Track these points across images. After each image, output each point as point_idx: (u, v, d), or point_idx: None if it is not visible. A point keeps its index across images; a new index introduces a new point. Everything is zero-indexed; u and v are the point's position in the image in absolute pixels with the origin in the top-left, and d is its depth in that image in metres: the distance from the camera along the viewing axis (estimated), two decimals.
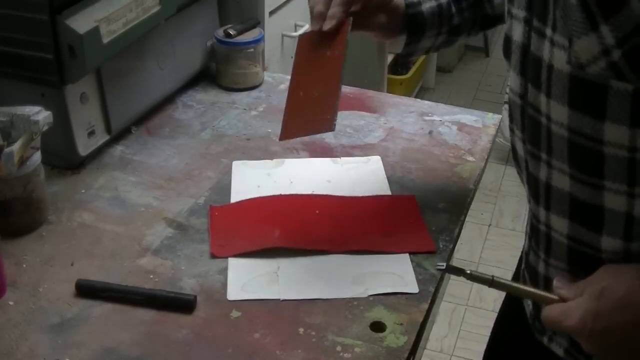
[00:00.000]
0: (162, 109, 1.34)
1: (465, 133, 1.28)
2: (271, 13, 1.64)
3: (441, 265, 0.83)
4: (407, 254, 0.99)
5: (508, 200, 2.87)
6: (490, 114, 1.34)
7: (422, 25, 1.03)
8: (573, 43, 0.69)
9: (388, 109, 1.35)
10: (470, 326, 2.31)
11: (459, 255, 2.51)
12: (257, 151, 1.23)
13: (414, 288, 0.94)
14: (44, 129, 1.01)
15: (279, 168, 1.18)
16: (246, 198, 1.10)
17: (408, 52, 1.06)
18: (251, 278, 0.95)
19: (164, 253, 1.00)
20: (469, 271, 0.80)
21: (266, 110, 1.35)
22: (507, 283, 0.82)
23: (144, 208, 1.09)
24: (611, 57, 0.67)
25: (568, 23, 0.69)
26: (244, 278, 0.95)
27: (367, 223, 1.05)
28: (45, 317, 0.89)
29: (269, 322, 0.89)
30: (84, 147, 1.16)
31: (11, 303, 0.91)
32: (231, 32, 1.38)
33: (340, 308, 0.91)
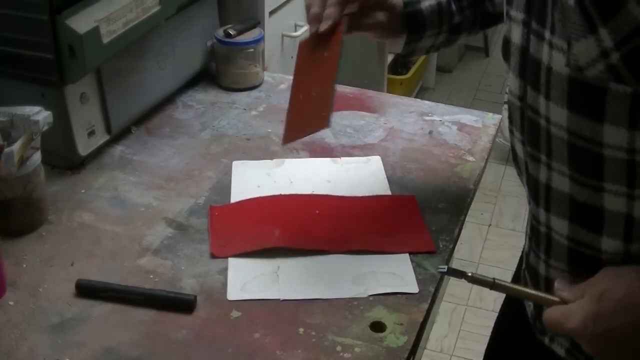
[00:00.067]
0: (162, 109, 1.34)
1: (465, 133, 1.28)
2: (271, 13, 1.64)
3: (442, 268, 0.83)
4: (407, 254, 0.99)
5: (508, 200, 2.87)
6: (490, 114, 1.33)
7: (422, 24, 1.03)
8: (572, 46, 0.69)
9: (388, 109, 1.35)
10: (470, 326, 2.31)
11: (459, 255, 2.51)
12: (257, 151, 1.23)
13: (414, 288, 0.94)
14: (44, 129, 1.01)
15: (279, 168, 1.18)
16: (246, 198, 1.10)
17: (409, 52, 1.06)
18: (251, 278, 0.95)
19: (164, 253, 1.00)
20: (470, 274, 0.80)
21: (266, 110, 1.35)
22: (508, 285, 0.82)
23: (144, 208, 1.09)
24: (610, 60, 0.67)
25: (566, 26, 0.69)
26: (244, 278, 0.95)
27: (367, 223, 1.05)
28: (45, 317, 0.89)
29: (269, 322, 0.89)
30: (84, 147, 1.16)
31: (11, 303, 0.91)
32: (231, 32, 1.38)
33: (340, 308, 0.91)
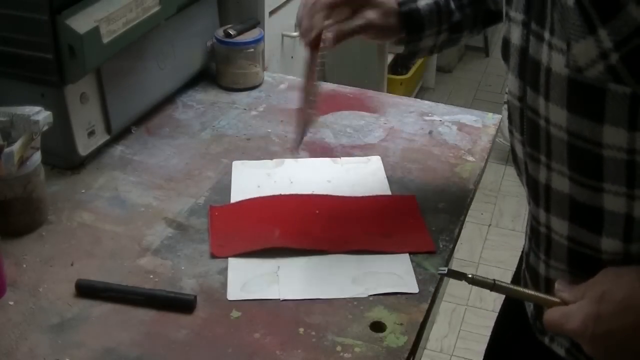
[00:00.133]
0: (162, 109, 1.34)
1: (465, 133, 1.28)
2: (271, 13, 1.64)
3: (443, 269, 0.82)
4: (407, 254, 0.99)
5: (508, 200, 2.87)
6: (490, 114, 1.33)
7: (420, 23, 1.02)
8: (571, 46, 0.69)
9: (388, 109, 1.35)
10: (470, 326, 2.31)
11: (459, 255, 2.51)
12: (257, 151, 1.23)
13: (414, 288, 0.94)
14: (44, 129, 1.01)
15: (279, 168, 1.18)
16: (246, 198, 1.10)
17: (410, 52, 1.05)
18: (251, 278, 0.95)
19: (164, 253, 1.00)
20: (471, 275, 0.80)
21: (266, 110, 1.35)
22: (509, 286, 0.82)
23: (144, 208, 1.09)
24: (609, 61, 0.67)
25: (566, 27, 0.69)
26: (244, 278, 0.95)
27: (367, 223, 1.05)
28: (45, 317, 0.89)
29: (269, 322, 0.89)
30: (84, 147, 1.16)
31: (11, 303, 0.91)
32: (231, 32, 1.38)
33: (340, 308, 0.91)
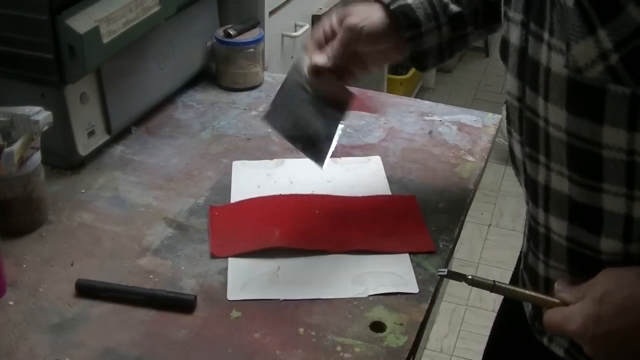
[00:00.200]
0: (162, 109, 1.34)
1: (465, 133, 1.28)
2: (271, 13, 1.64)
3: (443, 271, 0.82)
4: (407, 254, 0.99)
5: (508, 200, 2.87)
6: (490, 114, 1.33)
7: (415, 18, 0.98)
8: (570, 47, 0.69)
9: (388, 109, 1.35)
10: (470, 326, 2.31)
11: (459, 255, 2.51)
12: (257, 151, 1.23)
13: (414, 288, 0.94)
14: (44, 129, 1.01)
15: (279, 168, 1.18)
16: (246, 198, 1.10)
17: (415, 52, 1.01)
18: (251, 278, 0.95)
19: (164, 253, 1.00)
20: (471, 277, 0.80)
21: (266, 110, 1.35)
22: (509, 287, 0.82)
23: (144, 208, 1.09)
24: (609, 61, 0.66)
25: (565, 27, 0.69)
26: (244, 278, 0.95)
27: (367, 223, 1.05)
28: (45, 317, 0.89)
29: (269, 322, 0.89)
30: (84, 147, 1.16)
31: (11, 303, 0.91)
32: (231, 32, 1.38)
33: (340, 308, 0.91)
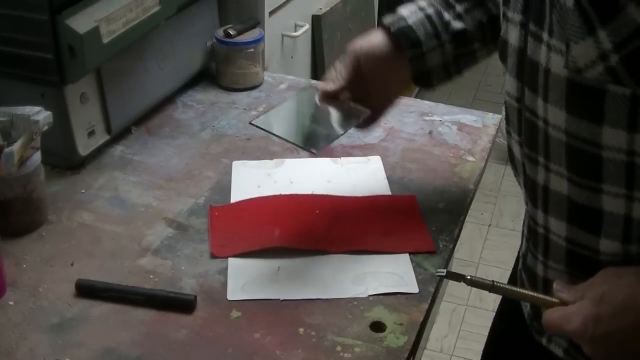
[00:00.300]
0: (162, 109, 1.34)
1: (465, 133, 1.28)
2: (271, 13, 1.64)
3: (442, 271, 0.82)
4: (407, 254, 0.99)
5: (508, 200, 2.87)
6: (490, 114, 1.33)
7: (415, 37, 0.98)
8: (570, 48, 0.69)
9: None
10: (470, 326, 2.31)
11: (459, 255, 2.51)
12: (257, 151, 1.23)
13: (414, 288, 0.94)
14: (44, 129, 1.01)
15: (279, 168, 1.18)
16: (246, 198, 1.10)
17: (419, 72, 1.01)
18: (251, 278, 0.95)
19: (164, 253, 1.00)
20: (469, 277, 0.79)
21: (266, 110, 1.35)
22: (508, 287, 0.82)
23: (144, 208, 1.09)
24: (609, 62, 0.66)
25: (565, 28, 0.69)
26: (244, 278, 0.95)
27: (367, 223, 1.05)
28: (45, 317, 0.89)
29: (269, 322, 0.89)
30: (84, 147, 1.16)
31: (11, 303, 0.91)
32: (231, 32, 1.38)
33: (340, 308, 0.91)
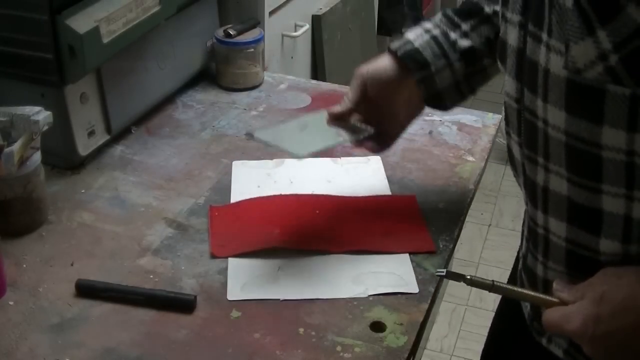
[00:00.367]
0: (162, 109, 1.34)
1: (465, 133, 1.28)
2: (271, 13, 1.64)
3: (441, 271, 0.82)
4: (407, 254, 0.99)
5: (508, 200, 2.87)
6: (490, 114, 1.33)
7: (422, 58, 0.98)
8: (569, 48, 0.68)
9: None
10: (470, 326, 2.31)
11: (459, 255, 2.51)
12: (257, 151, 1.23)
13: (414, 288, 0.94)
14: (44, 129, 1.01)
15: (279, 168, 1.18)
16: (246, 198, 1.10)
17: (430, 94, 1.00)
18: (251, 278, 0.95)
19: (164, 253, 1.00)
20: (469, 276, 0.79)
21: (266, 110, 1.35)
22: (508, 287, 0.82)
23: (144, 208, 1.09)
24: (608, 62, 0.66)
25: (564, 28, 0.69)
26: (244, 278, 0.95)
27: (367, 223, 1.05)
28: (45, 317, 0.89)
29: (269, 322, 0.89)
30: (84, 147, 1.16)
31: (11, 303, 0.91)
32: (231, 32, 1.38)
33: (340, 308, 0.91)
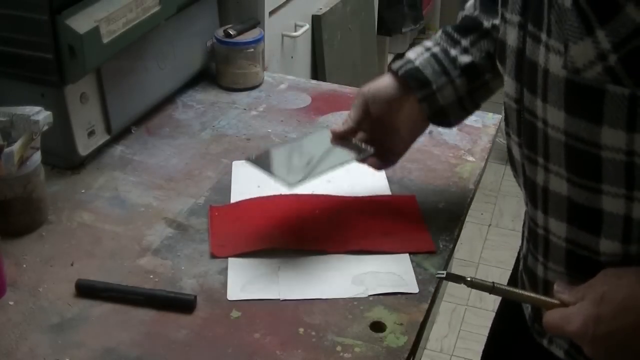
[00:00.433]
0: (162, 109, 1.34)
1: (465, 133, 1.28)
2: (271, 13, 1.64)
3: (441, 273, 0.82)
4: (407, 254, 0.99)
5: (508, 200, 2.87)
6: (490, 114, 1.33)
7: (423, 77, 0.98)
8: (569, 48, 0.69)
9: None
10: (470, 326, 2.31)
11: (459, 255, 2.51)
12: (257, 151, 1.22)
13: (414, 288, 0.94)
14: (44, 129, 1.01)
15: None
16: (246, 198, 1.10)
17: (434, 111, 1.00)
18: (251, 278, 0.95)
19: (164, 253, 1.00)
20: (470, 278, 0.79)
21: (266, 110, 1.35)
22: (508, 289, 0.82)
23: (144, 208, 1.09)
24: (607, 62, 0.66)
25: (563, 28, 0.69)
26: (244, 278, 0.95)
27: (367, 223, 1.05)
28: (45, 317, 0.89)
29: (269, 322, 0.89)
30: (84, 147, 1.16)
31: (11, 303, 0.91)
32: (231, 32, 1.38)
33: (340, 308, 0.91)
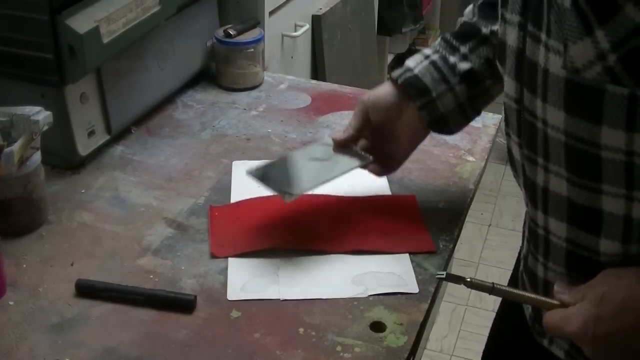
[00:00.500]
0: (162, 109, 1.34)
1: (465, 133, 1.27)
2: (271, 13, 1.64)
3: (441, 274, 0.82)
4: (407, 254, 0.99)
5: (508, 200, 2.87)
6: (490, 114, 1.33)
7: (422, 84, 0.99)
8: (568, 48, 0.69)
9: None
10: (470, 326, 2.31)
11: (459, 255, 2.51)
12: (257, 151, 1.23)
13: (414, 288, 0.94)
14: (44, 129, 1.01)
15: None
16: (246, 198, 1.10)
17: (435, 119, 1.02)
18: (251, 278, 0.95)
19: (164, 253, 1.00)
20: (469, 279, 0.79)
21: (266, 110, 1.35)
22: (508, 289, 0.82)
23: (144, 208, 1.09)
24: (607, 62, 0.66)
25: (563, 28, 0.69)
26: (244, 278, 0.95)
27: (367, 223, 1.05)
28: (45, 317, 0.89)
29: (269, 322, 0.89)
30: (84, 147, 1.16)
31: (11, 303, 0.91)
32: (231, 32, 1.38)
33: (340, 308, 0.91)
